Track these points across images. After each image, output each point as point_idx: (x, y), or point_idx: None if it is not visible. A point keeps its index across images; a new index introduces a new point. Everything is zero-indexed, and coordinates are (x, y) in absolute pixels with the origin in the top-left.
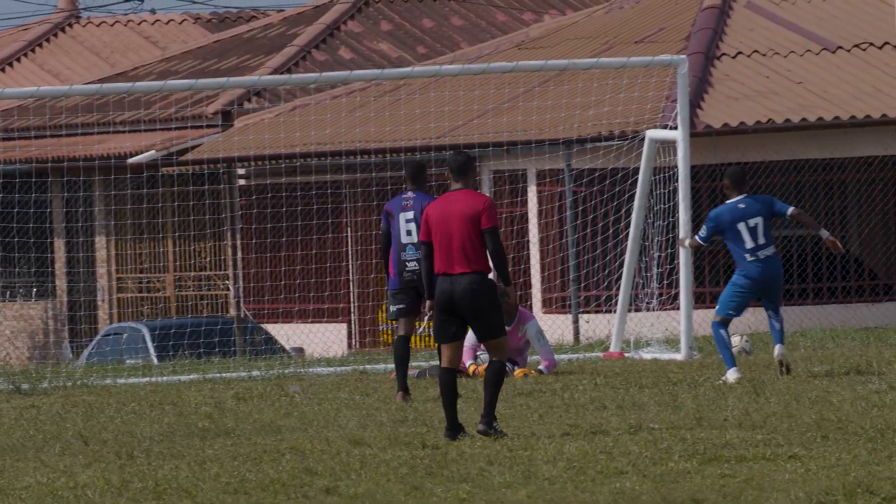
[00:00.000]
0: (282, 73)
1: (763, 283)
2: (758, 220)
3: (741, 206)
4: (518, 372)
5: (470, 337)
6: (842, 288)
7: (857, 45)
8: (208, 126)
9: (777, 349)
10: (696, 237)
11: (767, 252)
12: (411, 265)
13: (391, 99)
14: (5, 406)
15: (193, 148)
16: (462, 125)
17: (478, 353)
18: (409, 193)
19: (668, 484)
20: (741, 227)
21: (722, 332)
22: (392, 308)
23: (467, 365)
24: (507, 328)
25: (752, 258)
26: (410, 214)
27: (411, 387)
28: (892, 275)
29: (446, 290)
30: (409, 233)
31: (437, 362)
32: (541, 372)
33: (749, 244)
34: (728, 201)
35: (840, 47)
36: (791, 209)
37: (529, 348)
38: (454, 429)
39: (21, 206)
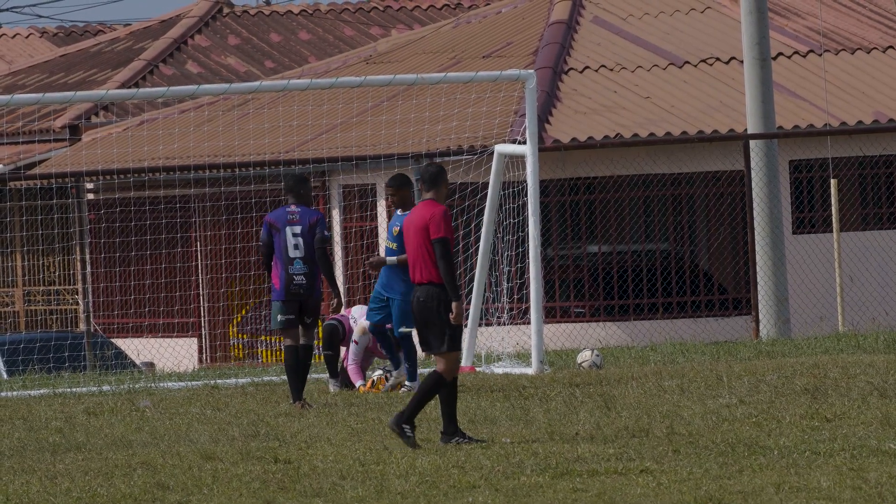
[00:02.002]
0: (129, 88)
1: None
2: None
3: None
4: (363, 388)
5: (354, 354)
6: (691, 303)
7: (703, 60)
8: (56, 140)
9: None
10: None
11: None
12: (298, 279)
13: (239, 113)
14: None
15: (41, 162)
16: (311, 139)
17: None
18: (293, 207)
19: (521, 498)
20: None
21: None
22: (279, 318)
23: (356, 385)
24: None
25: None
26: (298, 229)
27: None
28: (740, 289)
29: (410, 299)
30: (296, 247)
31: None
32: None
33: None
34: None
35: (687, 62)
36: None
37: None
38: (448, 433)
39: None
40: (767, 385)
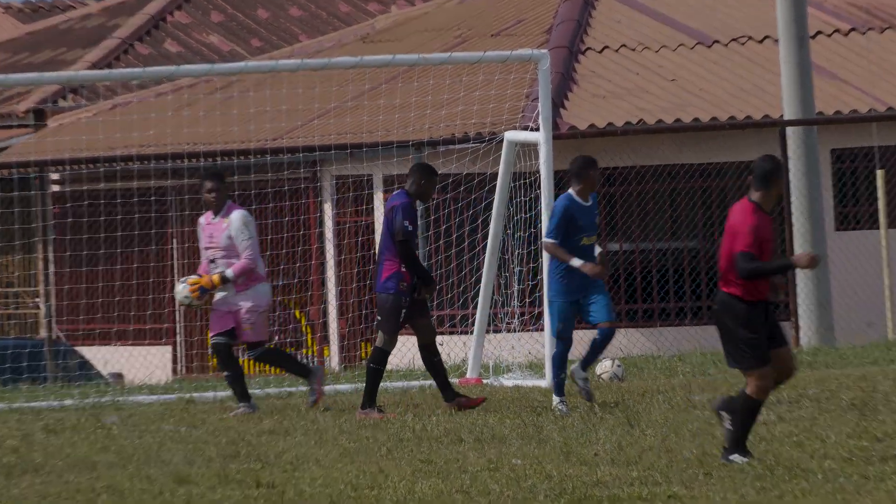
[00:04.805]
0: (101, 68)
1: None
2: None
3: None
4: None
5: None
6: None
7: (735, 39)
8: (19, 126)
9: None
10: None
11: None
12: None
13: (223, 97)
14: None
15: (2, 150)
16: (301, 126)
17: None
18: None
19: None
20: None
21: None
22: None
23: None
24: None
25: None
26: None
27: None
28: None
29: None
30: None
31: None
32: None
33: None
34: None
35: (716, 41)
36: None
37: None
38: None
39: None
40: (809, 400)
